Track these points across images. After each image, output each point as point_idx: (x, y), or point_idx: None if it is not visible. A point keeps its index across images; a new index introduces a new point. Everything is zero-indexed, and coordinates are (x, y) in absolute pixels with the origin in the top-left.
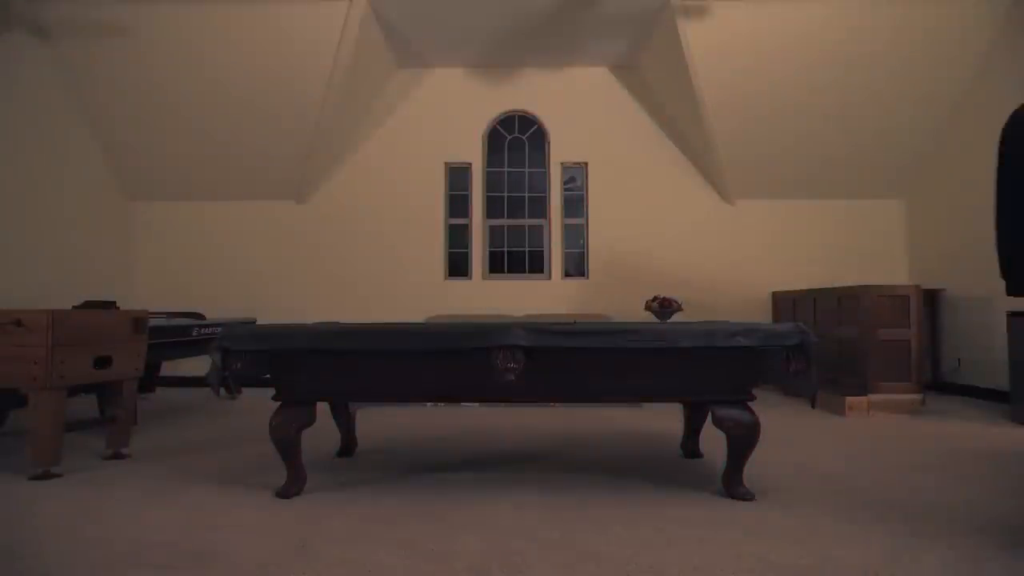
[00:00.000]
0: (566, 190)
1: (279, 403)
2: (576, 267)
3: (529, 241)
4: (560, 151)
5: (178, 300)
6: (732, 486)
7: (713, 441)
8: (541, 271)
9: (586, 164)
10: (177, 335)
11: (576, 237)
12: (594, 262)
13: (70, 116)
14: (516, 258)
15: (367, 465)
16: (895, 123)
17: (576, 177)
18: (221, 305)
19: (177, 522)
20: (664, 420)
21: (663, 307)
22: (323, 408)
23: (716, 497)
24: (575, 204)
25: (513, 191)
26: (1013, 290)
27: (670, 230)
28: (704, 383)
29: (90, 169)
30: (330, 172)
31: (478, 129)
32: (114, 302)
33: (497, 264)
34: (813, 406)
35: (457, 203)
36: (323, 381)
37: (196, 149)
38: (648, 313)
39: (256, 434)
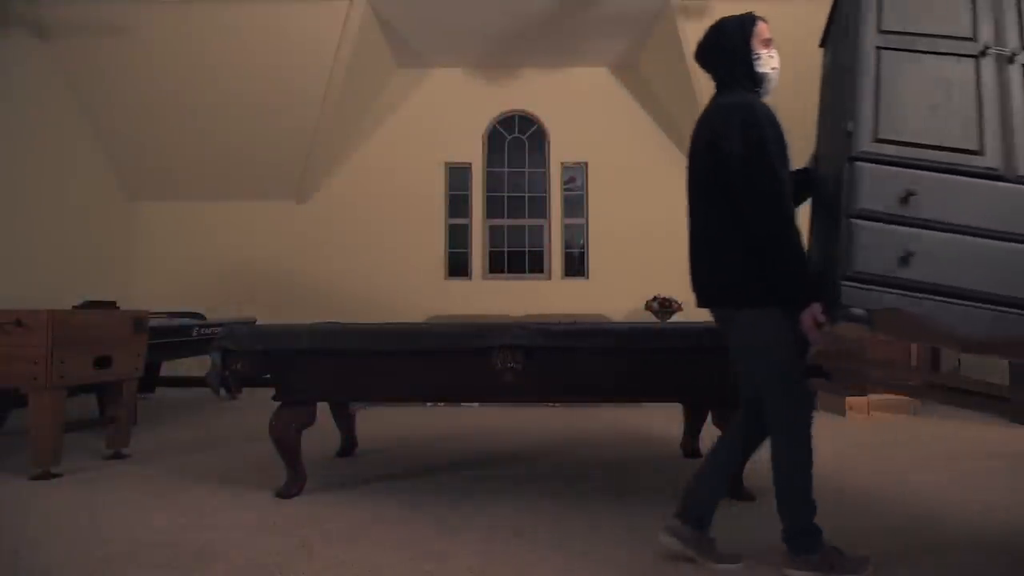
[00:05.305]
0: (566, 190)
1: (279, 403)
2: (576, 267)
3: (529, 241)
4: (560, 151)
5: (178, 300)
6: (732, 486)
7: (713, 441)
8: (541, 271)
9: (586, 164)
10: (177, 335)
11: (576, 237)
12: (594, 262)
13: (70, 116)
14: (516, 258)
15: (367, 465)
16: None
17: (576, 177)
18: (221, 305)
19: (177, 522)
20: (664, 420)
21: (663, 307)
22: (323, 408)
23: None
24: (575, 204)
25: (513, 191)
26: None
27: (670, 230)
28: (703, 383)
29: (90, 169)
30: (330, 172)
31: (478, 129)
32: (114, 302)
33: (497, 264)
34: None
35: (457, 203)
36: (323, 381)
37: (196, 149)
38: (648, 313)
39: (256, 434)
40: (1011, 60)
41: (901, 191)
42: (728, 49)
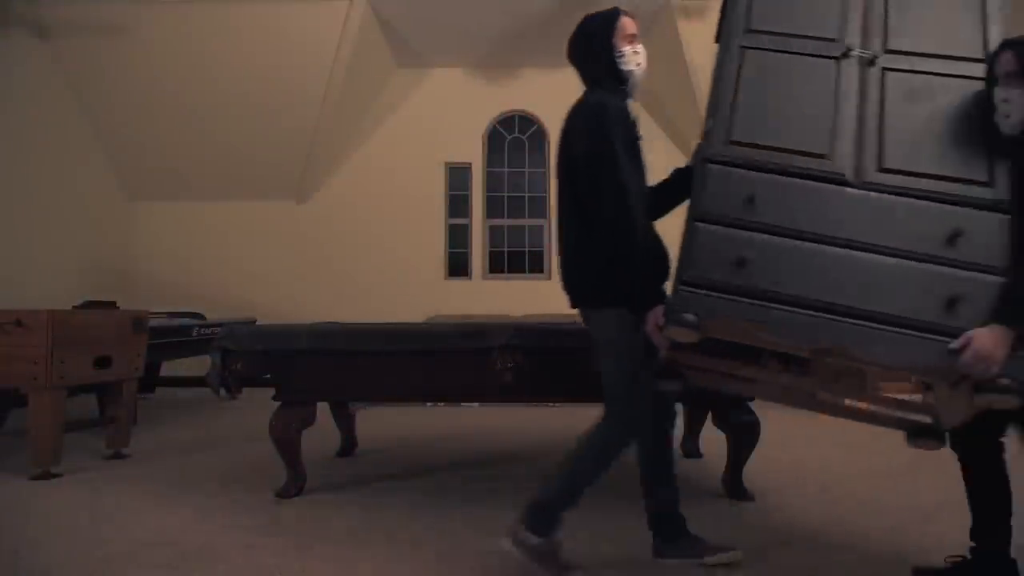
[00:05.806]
0: None
1: (279, 403)
2: None
3: (529, 241)
4: None
5: (178, 300)
6: (732, 486)
7: (713, 441)
8: (541, 271)
9: None
10: (177, 335)
11: None
12: None
13: (70, 116)
14: (516, 258)
15: (367, 465)
16: None
17: None
18: (221, 305)
19: (177, 522)
20: None
21: None
22: (323, 408)
23: (716, 497)
24: None
25: (513, 191)
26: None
27: (670, 230)
28: None
29: (90, 169)
30: (330, 172)
31: (478, 129)
32: (114, 302)
33: (497, 264)
34: None
35: (457, 203)
36: (323, 381)
37: (196, 149)
38: None
39: (256, 434)
40: (872, 63)
41: (745, 195)
42: (591, 46)
